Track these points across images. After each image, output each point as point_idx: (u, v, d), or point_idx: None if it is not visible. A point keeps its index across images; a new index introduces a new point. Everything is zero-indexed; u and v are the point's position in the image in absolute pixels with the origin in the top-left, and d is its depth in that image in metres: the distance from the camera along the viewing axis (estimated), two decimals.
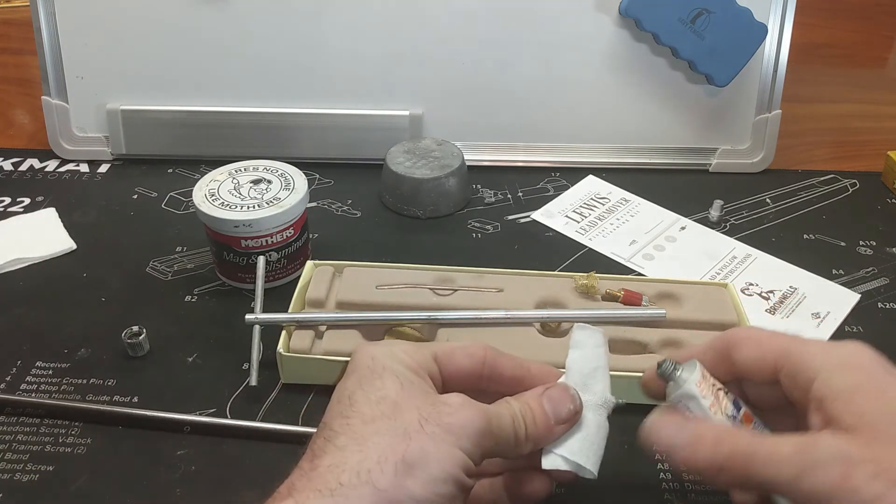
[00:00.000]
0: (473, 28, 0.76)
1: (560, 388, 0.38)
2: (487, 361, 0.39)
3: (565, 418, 0.37)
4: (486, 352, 0.39)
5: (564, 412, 0.37)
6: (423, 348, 0.38)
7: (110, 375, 0.55)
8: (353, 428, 0.33)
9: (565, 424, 0.37)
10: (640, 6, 0.73)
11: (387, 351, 0.37)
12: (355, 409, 0.34)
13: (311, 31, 0.76)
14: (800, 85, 0.91)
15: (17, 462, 0.49)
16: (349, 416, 0.34)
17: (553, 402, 0.37)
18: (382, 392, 0.34)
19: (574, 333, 0.40)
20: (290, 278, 0.64)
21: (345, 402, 0.35)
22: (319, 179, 0.79)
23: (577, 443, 0.37)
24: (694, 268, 0.67)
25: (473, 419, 0.34)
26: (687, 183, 0.79)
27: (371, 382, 0.35)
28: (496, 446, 0.35)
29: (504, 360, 0.39)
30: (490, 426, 0.34)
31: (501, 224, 0.73)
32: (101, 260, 0.67)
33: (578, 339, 0.40)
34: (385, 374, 0.35)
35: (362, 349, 0.37)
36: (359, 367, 0.36)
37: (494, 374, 0.39)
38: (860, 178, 0.81)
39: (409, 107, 0.79)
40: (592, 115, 0.80)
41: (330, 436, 0.33)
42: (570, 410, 0.37)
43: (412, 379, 0.36)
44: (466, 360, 0.38)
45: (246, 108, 0.79)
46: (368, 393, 0.34)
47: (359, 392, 0.35)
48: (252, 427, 0.51)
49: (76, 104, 0.79)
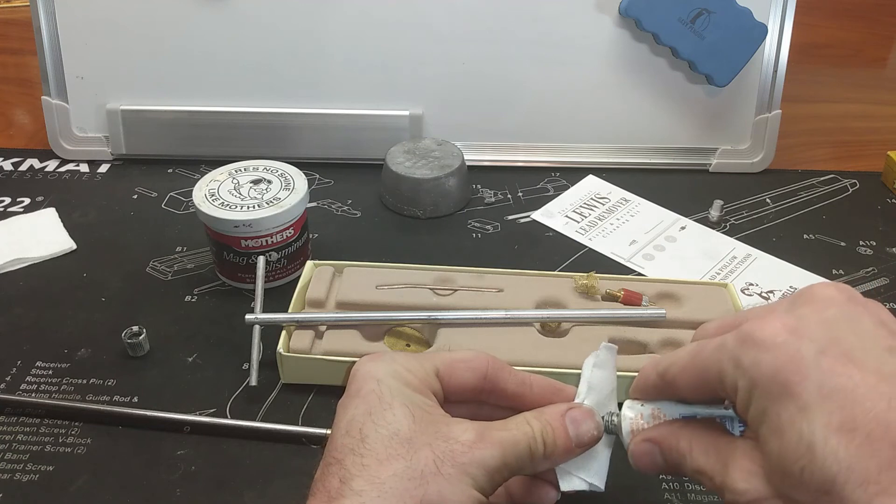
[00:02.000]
0: (473, 28, 0.76)
1: (584, 412, 0.37)
2: (489, 376, 0.38)
3: (587, 442, 0.36)
4: (488, 365, 0.38)
5: (587, 436, 0.36)
6: (425, 362, 0.37)
7: (110, 375, 0.55)
8: (368, 469, 0.32)
9: (585, 447, 0.36)
10: (640, 6, 0.73)
11: (390, 370, 0.36)
12: (368, 446, 0.33)
13: (311, 31, 0.76)
14: (800, 85, 0.91)
15: (17, 462, 0.49)
16: (363, 455, 0.33)
17: (576, 424, 0.36)
18: (394, 426, 0.34)
19: (601, 352, 0.39)
20: (290, 278, 0.64)
21: (355, 436, 0.34)
22: (319, 179, 0.79)
23: (593, 463, 0.37)
24: (694, 268, 0.67)
25: (489, 457, 0.33)
26: (687, 183, 0.79)
27: (381, 414, 0.34)
28: (512, 473, 0.35)
29: (505, 375, 0.38)
30: (506, 459, 0.34)
31: (501, 224, 0.73)
32: (101, 260, 0.67)
33: (604, 359, 0.39)
34: (394, 404, 0.35)
35: (364, 368, 0.37)
36: (364, 392, 0.36)
37: (496, 388, 0.38)
38: (860, 178, 0.81)
39: (409, 107, 0.79)
40: (592, 115, 0.80)
41: (345, 477, 0.33)
42: (594, 436, 0.36)
43: (420, 404, 0.35)
44: (468, 374, 0.38)
45: (246, 108, 0.79)
46: (379, 427, 0.34)
47: (369, 424, 0.34)
48: (252, 427, 0.51)
49: (76, 104, 0.79)
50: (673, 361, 0.34)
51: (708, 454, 0.32)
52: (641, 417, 0.36)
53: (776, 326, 0.29)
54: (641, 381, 0.36)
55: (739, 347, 0.30)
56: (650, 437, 0.35)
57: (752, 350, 0.29)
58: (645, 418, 0.36)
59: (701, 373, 0.32)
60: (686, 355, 0.33)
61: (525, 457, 0.35)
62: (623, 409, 0.37)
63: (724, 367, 0.30)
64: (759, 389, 0.29)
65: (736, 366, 0.30)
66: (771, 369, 0.28)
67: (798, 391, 0.27)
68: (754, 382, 0.29)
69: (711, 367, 0.31)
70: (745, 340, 0.30)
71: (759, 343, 0.29)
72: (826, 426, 0.26)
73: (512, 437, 0.35)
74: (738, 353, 0.30)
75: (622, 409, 0.37)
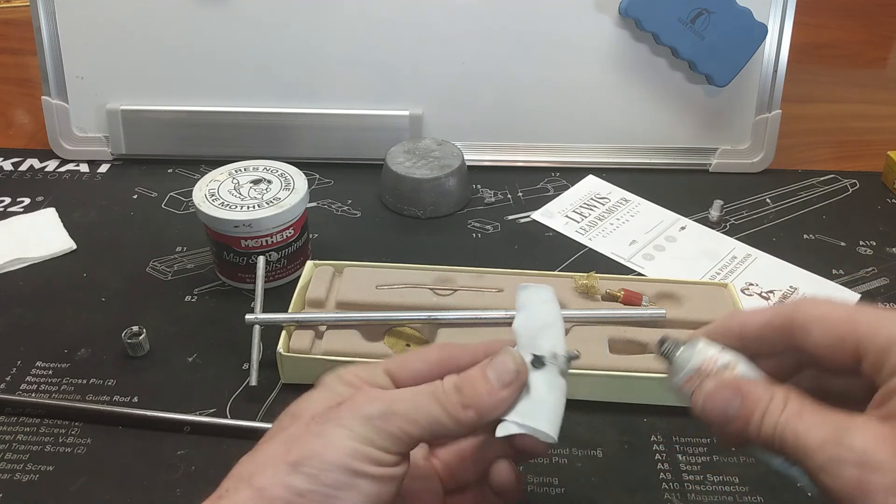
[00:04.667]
0: (473, 28, 0.76)
1: (502, 353, 0.35)
2: (443, 362, 0.37)
3: (508, 381, 0.34)
4: (440, 353, 0.37)
5: (506, 374, 0.34)
6: (375, 365, 0.37)
7: (110, 375, 0.55)
8: (253, 453, 0.34)
9: (510, 388, 0.34)
10: (640, 6, 0.73)
11: (336, 372, 0.37)
12: (269, 432, 0.35)
13: (311, 31, 0.76)
14: (800, 85, 0.91)
15: (17, 462, 0.49)
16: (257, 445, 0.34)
17: (496, 369, 0.35)
18: (295, 409, 0.35)
19: (518, 295, 0.37)
20: (290, 278, 0.64)
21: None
22: (319, 179, 0.79)
23: (526, 405, 0.34)
24: (694, 268, 0.67)
25: (363, 404, 0.33)
26: (687, 183, 0.79)
27: (296, 402, 0.36)
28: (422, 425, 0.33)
29: (460, 353, 0.37)
30: (393, 407, 0.33)
31: (501, 224, 0.73)
32: (101, 260, 0.67)
33: (522, 301, 0.37)
34: (314, 393, 0.36)
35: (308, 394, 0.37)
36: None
37: (455, 370, 0.37)
38: (860, 178, 0.81)
39: (409, 107, 0.79)
40: (592, 115, 0.80)
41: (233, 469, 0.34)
42: (511, 371, 0.34)
43: (342, 391, 0.35)
44: (421, 364, 0.37)
45: (246, 108, 0.79)
46: (284, 413, 0.35)
47: (282, 414, 0.36)
48: (252, 427, 0.51)
49: (76, 104, 0.79)
50: (813, 305, 0.31)
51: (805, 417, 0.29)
52: (715, 363, 0.33)
53: None
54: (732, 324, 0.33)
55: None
56: (735, 386, 0.32)
57: None
58: (718, 365, 0.33)
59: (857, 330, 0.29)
60: (840, 308, 0.30)
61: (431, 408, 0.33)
62: (699, 344, 0.33)
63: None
64: None
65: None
66: None
67: None
68: None
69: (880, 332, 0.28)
70: None
71: None
72: None
73: (408, 389, 0.35)
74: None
75: (698, 343, 0.34)
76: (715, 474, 0.49)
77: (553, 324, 0.36)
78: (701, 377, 0.33)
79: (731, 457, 0.50)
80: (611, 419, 0.52)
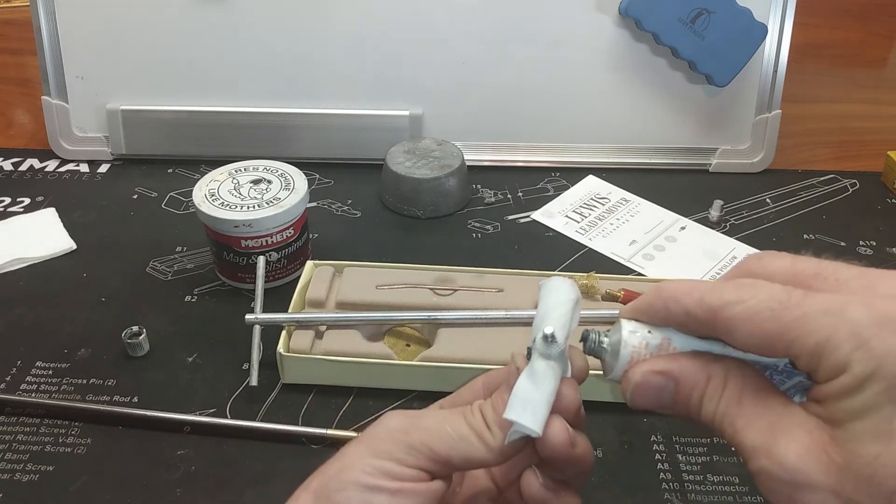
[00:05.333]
0: (473, 28, 0.76)
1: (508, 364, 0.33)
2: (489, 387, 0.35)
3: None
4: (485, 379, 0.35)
5: (514, 380, 0.32)
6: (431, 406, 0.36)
7: (110, 375, 0.55)
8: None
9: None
10: (640, 6, 0.73)
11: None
12: None
13: (311, 31, 0.76)
14: (800, 85, 0.91)
15: (17, 462, 0.49)
16: None
17: (508, 383, 0.32)
18: None
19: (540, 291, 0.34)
20: (290, 278, 0.64)
21: None
22: (319, 179, 0.79)
23: (510, 401, 0.31)
24: (694, 268, 0.67)
25: (387, 419, 0.32)
26: (687, 183, 0.79)
27: None
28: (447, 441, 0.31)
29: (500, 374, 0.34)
30: (416, 421, 0.32)
31: (501, 224, 0.73)
32: (101, 260, 0.67)
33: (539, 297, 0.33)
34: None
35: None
36: None
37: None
38: (860, 178, 0.81)
39: (409, 107, 0.79)
40: (592, 115, 0.80)
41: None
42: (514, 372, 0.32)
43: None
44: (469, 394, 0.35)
45: (246, 108, 0.79)
46: None
47: None
48: (252, 427, 0.51)
49: (76, 104, 0.79)
50: (739, 299, 0.27)
51: (744, 405, 0.27)
52: (646, 347, 0.29)
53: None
54: (659, 303, 0.30)
55: (873, 327, 0.24)
56: (666, 370, 0.29)
57: (891, 337, 0.24)
58: (650, 348, 0.29)
59: (783, 331, 0.25)
60: (767, 301, 0.26)
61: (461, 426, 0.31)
62: (623, 333, 0.30)
63: (835, 341, 0.24)
64: (881, 384, 0.24)
65: (858, 346, 0.24)
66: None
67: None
68: (878, 374, 0.24)
69: (809, 333, 0.25)
70: (884, 323, 0.24)
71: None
72: None
73: (445, 410, 0.33)
74: (869, 335, 0.24)
75: (622, 331, 0.30)
76: (715, 474, 0.49)
77: (549, 309, 0.32)
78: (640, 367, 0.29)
79: (731, 457, 0.50)
80: (611, 419, 0.52)
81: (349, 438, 0.49)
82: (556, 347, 0.31)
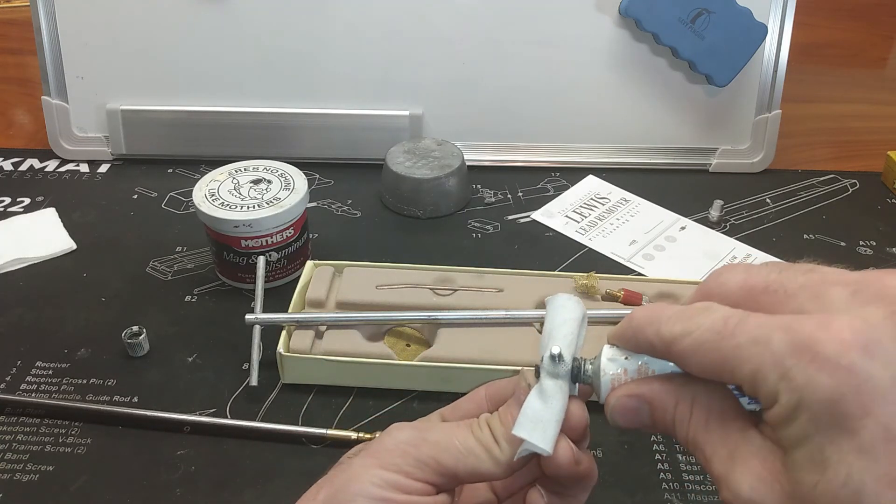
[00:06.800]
0: (473, 28, 0.76)
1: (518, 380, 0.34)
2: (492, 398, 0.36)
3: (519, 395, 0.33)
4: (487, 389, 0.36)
5: (523, 396, 0.32)
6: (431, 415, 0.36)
7: (110, 375, 0.55)
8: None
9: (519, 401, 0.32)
10: (640, 6, 0.73)
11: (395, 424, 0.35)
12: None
13: (311, 30, 0.76)
14: (800, 85, 0.91)
15: (17, 462, 0.49)
16: None
17: (516, 397, 0.33)
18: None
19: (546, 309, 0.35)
20: (290, 278, 0.64)
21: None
22: (319, 179, 0.79)
23: (519, 418, 0.32)
24: (694, 268, 0.67)
25: (396, 432, 0.32)
26: (687, 183, 0.79)
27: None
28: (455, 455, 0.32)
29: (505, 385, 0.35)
30: (425, 434, 0.32)
31: (501, 224, 0.73)
32: (101, 260, 0.67)
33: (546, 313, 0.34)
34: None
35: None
36: None
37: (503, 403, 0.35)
38: (860, 178, 0.81)
39: (409, 107, 0.79)
40: (592, 115, 0.80)
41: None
42: (525, 389, 0.32)
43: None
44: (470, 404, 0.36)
45: (246, 108, 0.79)
46: None
47: None
48: (252, 427, 0.51)
49: (76, 104, 0.79)
50: (686, 331, 0.27)
51: (711, 431, 0.27)
52: (626, 373, 0.31)
53: (844, 338, 0.23)
54: (629, 333, 0.30)
55: (792, 357, 0.24)
56: (638, 394, 0.30)
57: (809, 366, 0.23)
58: (630, 374, 0.31)
59: (724, 362, 0.26)
60: (708, 332, 0.26)
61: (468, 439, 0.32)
62: (603, 361, 0.31)
63: (763, 371, 0.24)
64: (807, 414, 0.23)
65: (782, 377, 0.24)
66: (829, 395, 0.23)
67: (857, 428, 0.22)
68: (803, 404, 0.23)
69: (744, 363, 0.25)
70: (802, 351, 0.23)
71: (819, 359, 0.23)
72: (882, 478, 0.22)
73: (451, 423, 0.34)
74: (789, 365, 0.24)
75: (601, 359, 0.31)
76: None
77: (557, 327, 0.33)
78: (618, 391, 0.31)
79: None
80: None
81: (349, 438, 0.49)
82: (564, 367, 0.32)
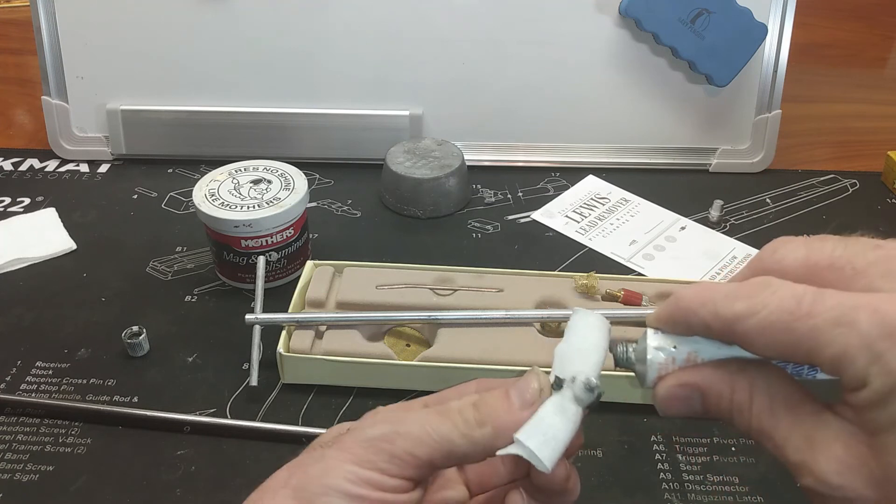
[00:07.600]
0: (473, 28, 0.76)
1: (528, 374, 0.33)
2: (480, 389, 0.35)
3: (530, 401, 0.32)
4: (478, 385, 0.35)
5: (529, 395, 0.32)
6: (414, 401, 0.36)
7: (110, 375, 0.55)
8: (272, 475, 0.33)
9: (532, 408, 0.32)
10: (640, 6, 0.73)
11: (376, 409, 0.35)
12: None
13: (311, 30, 0.76)
14: (800, 85, 0.91)
15: (17, 462, 0.49)
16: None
17: (519, 388, 0.32)
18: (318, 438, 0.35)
19: (570, 319, 0.35)
20: (290, 278, 0.64)
21: None
22: (319, 179, 0.79)
23: (531, 426, 0.31)
24: (694, 268, 0.67)
25: (368, 426, 0.32)
26: (687, 183, 0.79)
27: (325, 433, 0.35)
28: (430, 445, 0.31)
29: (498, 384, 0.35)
30: (398, 427, 0.31)
31: (501, 224, 0.73)
32: (101, 260, 0.67)
33: (571, 324, 0.35)
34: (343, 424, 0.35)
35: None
36: None
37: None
38: (860, 178, 0.81)
39: (409, 107, 0.79)
40: (592, 115, 0.80)
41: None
42: (535, 390, 0.32)
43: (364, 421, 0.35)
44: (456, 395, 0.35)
45: (246, 108, 0.79)
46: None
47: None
48: (252, 427, 0.51)
49: (76, 104, 0.79)
50: (752, 310, 0.26)
51: (778, 418, 0.26)
52: (673, 362, 0.30)
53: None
54: (679, 315, 0.29)
55: (884, 340, 0.23)
56: (691, 383, 0.29)
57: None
58: (678, 363, 0.30)
59: (799, 343, 0.25)
60: (778, 312, 0.25)
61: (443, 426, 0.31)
62: (649, 350, 0.30)
63: (850, 353, 0.24)
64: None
65: (873, 361, 0.23)
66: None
67: None
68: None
69: (825, 346, 0.24)
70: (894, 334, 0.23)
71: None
72: None
73: (424, 411, 0.33)
74: (882, 349, 0.23)
75: (647, 346, 0.30)
76: (715, 474, 0.49)
77: (588, 350, 0.33)
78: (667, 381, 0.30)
79: (731, 457, 0.50)
80: (611, 419, 0.52)
81: None
82: (591, 397, 0.31)
